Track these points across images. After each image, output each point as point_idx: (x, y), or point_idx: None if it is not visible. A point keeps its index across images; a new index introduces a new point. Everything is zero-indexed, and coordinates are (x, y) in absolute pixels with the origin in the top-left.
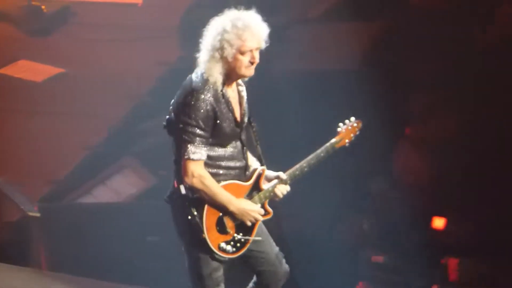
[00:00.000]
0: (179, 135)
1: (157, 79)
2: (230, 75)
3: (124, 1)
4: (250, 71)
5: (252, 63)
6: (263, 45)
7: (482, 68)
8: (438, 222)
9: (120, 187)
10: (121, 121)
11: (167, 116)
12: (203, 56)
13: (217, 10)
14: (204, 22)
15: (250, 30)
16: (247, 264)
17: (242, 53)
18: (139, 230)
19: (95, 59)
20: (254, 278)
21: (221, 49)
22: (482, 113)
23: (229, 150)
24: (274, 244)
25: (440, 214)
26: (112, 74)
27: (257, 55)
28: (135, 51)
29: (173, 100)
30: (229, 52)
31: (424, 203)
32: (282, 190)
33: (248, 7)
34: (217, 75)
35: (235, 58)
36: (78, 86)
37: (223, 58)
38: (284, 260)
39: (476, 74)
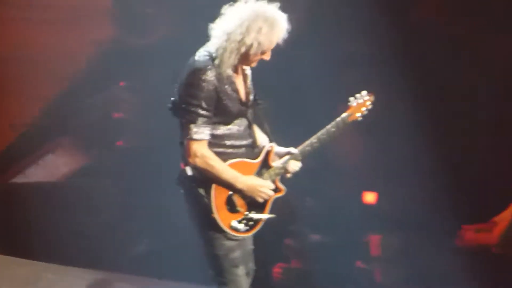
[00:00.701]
0: (182, 115)
1: (89, 59)
2: (240, 61)
3: None
4: (255, 64)
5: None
6: None
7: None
8: (370, 197)
9: (53, 167)
10: (53, 101)
11: (172, 98)
12: (223, 40)
13: None
14: (137, 1)
15: (280, 34)
16: None
17: (263, 52)
18: (72, 210)
19: (26, 39)
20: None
21: (250, 46)
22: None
23: (235, 128)
24: (251, 242)
25: (371, 189)
26: (44, 54)
27: (270, 53)
28: (66, 31)
29: (177, 85)
30: (255, 51)
31: (356, 179)
32: (294, 166)
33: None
34: (229, 64)
35: (255, 55)
36: (8, 67)
37: (245, 53)
38: (252, 259)
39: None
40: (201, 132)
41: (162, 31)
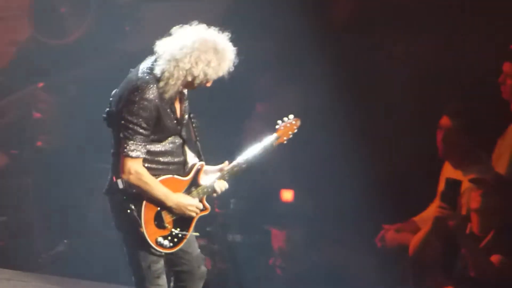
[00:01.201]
0: (120, 130)
1: (9, 59)
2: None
3: None
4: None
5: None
6: None
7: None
8: (287, 195)
9: None
10: None
11: (107, 108)
12: (170, 66)
13: None
14: (54, 2)
15: (227, 67)
16: (166, 262)
17: (208, 81)
18: None
19: None
20: (173, 279)
21: (196, 77)
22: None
23: (168, 145)
24: (197, 245)
25: (289, 187)
26: None
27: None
28: None
29: (114, 91)
30: (200, 81)
31: (272, 178)
32: (221, 185)
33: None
34: (173, 90)
35: (200, 84)
36: None
37: (190, 81)
38: (203, 262)
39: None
40: (138, 150)
41: (80, 31)
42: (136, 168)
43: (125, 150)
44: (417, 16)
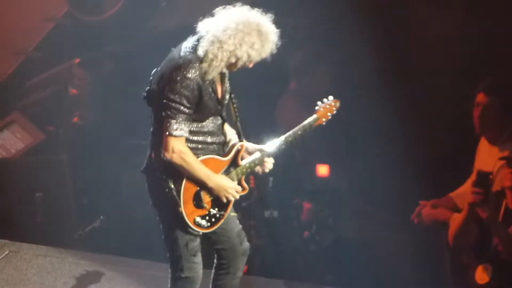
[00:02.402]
0: (162, 109)
1: (44, 35)
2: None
3: None
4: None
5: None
6: None
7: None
8: (323, 170)
9: (8, 143)
10: (9, 77)
11: (147, 87)
12: (214, 47)
13: None
14: None
15: (269, 50)
16: (209, 240)
17: (250, 62)
18: (27, 186)
19: None
20: (216, 256)
21: (240, 58)
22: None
23: (209, 125)
24: (237, 222)
25: (324, 162)
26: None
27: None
28: (20, 6)
29: (154, 70)
30: (243, 62)
31: (310, 152)
32: (268, 164)
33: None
34: (217, 71)
35: (243, 65)
36: None
37: (234, 63)
38: (245, 239)
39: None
40: (181, 129)
41: (116, 8)
42: (179, 147)
43: (168, 129)
44: None
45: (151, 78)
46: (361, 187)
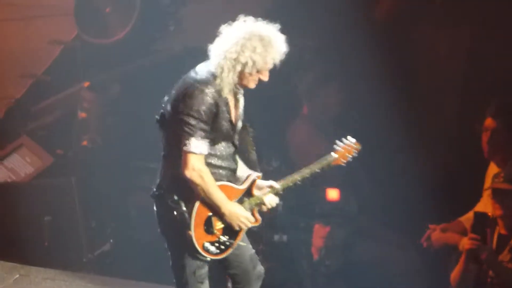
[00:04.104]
0: (180, 127)
1: (53, 58)
2: (236, 84)
3: None
4: (253, 85)
5: (260, 80)
6: None
7: (367, 46)
8: (333, 194)
9: (17, 166)
10: (18, 100)
11: (161, 110)
12: (220, 58)
13: None
14: (98, 2)
15: (276, 54)
16: (221, 264)
17: (259, 71)
18: (36, 210)
19: None
20: (230, 281)
21: (244, 64)
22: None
23: (220, 149)
24: (250, 246)
25: (334, 186)
26: (7, 53)
27: (267, 74)
28: (30, 30)
29: (166, 97)
30: (250, 69)
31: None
32: (271, 200)
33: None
34: (228, 82)
35: (250, 74)
36: None
37: (241, 71)
38: (259, 263)
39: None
40: (200, 146)
41: (125, 31)
42: (199, 166)
43: (188, 146)
44: (460, 12)
45: (165, 100)
46: (371, 211)
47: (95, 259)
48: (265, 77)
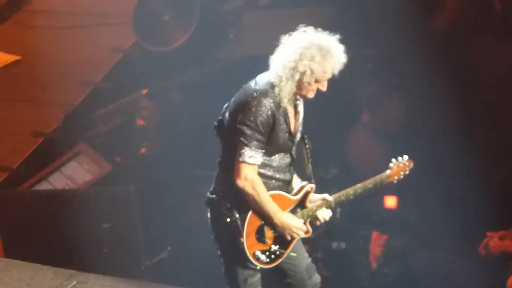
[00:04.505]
0: (236, 136)
1: (112, 66)
2: (296, 91)
3: None
4: (312, 95)
5: (318, 89)
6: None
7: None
8: (391, 201)
9: (75, 174)
10: (77, 107)
11: (219, 117)
12: (279, 68)
13: None
14: (158, 9)
15: (334, 64)
16: (276, 273)
17: (317, 81)
18: (95, 217)
19: (49, 46)
20: None
21: (303, 73)
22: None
23: (276, 160)
24: (306, 255)
25: (392, 194)
26: (67, 61)
27: (326, 84)
28: (90, 38)
29: (226, 104)
30: (308, 79)
31: None
32: (324, 214)
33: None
34: (288, 93)
35: (309, 84)
36: (33, 74)
37: (299, 80)
38: (315, 272)
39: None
40: (254, 156)
41: (184, 39)
42: (252, 176)
43: (242, 156)
44: None
45: (224, 108)
46: (429, 219)
47: (153, 266)
48: (323, 87)
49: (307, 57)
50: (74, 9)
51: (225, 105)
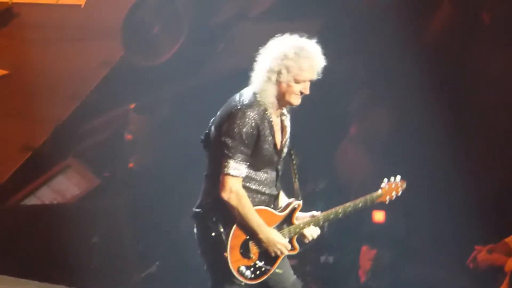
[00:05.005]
0: (219, 149)
1: (100, 80)
2: (279, 99)
3: (67, 2)
4: (297, 100)
5: (301, 93)
6: (316, 77)
7: (417, 67)
8: (379, 216)
9: (63, 188)
10: (65, 121)
11: (206, 131)
12: (258, 76)
13: (159, 11)
14: (146, 23)
15: (310, 61)
16: None
17: (297, 81)
18: (83, 232)
19: (38, 60)
20: None
21: (279, 73)
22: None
23: (262, 175)
24: (292, 272)
25: (380, 208)
26: (55, 75)
27: (308, 86)
28: (77, 51)
29: (213, 118)
30: (285, 78)
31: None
32: (312, 232)
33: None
34: (270, 98)
35: (288, 85)
36: (20, 88)
37: (278, 82)
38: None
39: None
40: (238, 169)
41: (172, 52)
42: (237, 188)
43: (226, 168)
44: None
45: (210, 122)
46: (417, 233)
47: (142, 281)
48: (305, 90)
49: (280, 56)
50: (62, 23)
51: (212, 119)
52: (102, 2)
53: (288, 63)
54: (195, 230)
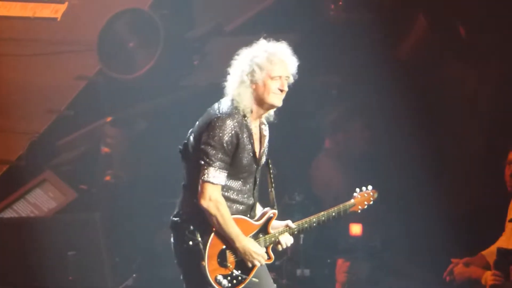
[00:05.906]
0: (199, 157)
1: (76, 93)
2: (259, 103)
3: (42, 15)
4: (278, 99)
5: (281, 91)
6: (291, 76)
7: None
8: (356, 229)
9: (40, 201)
10: (41, 135)
11: (185, 141)
12: (232, 82)
13: (136, 25)
14: (122, 37)
15: (279, 57)
16: None
17: (271, 78)
18: (60, 245)
19: (13, 74)
20: None
21: (251, 73)
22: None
23: (240, 184)
24: (271, 281)
25: (357, 221)
26: (31, 88)
27: (286, 84)
28: (54, 65)
29: (191, 129)
30: (259, 76)
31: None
32: (286, 240)
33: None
34: (246, 101)
35: (264, 83)
36: None
37: (253, 83)
38: None
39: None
40: (218, 176)
41: (148, 66)
42: (216, 196)
43: (206, 176)
44: (486, 46)
45: (189, 132)
46: (394, 246)
47: None
48: (282, 86)
49: (249, 57)
50: (38, 37)
51: (190, 130)
52: (78, 15)
53: (258, 60)
54: (172, 239)
